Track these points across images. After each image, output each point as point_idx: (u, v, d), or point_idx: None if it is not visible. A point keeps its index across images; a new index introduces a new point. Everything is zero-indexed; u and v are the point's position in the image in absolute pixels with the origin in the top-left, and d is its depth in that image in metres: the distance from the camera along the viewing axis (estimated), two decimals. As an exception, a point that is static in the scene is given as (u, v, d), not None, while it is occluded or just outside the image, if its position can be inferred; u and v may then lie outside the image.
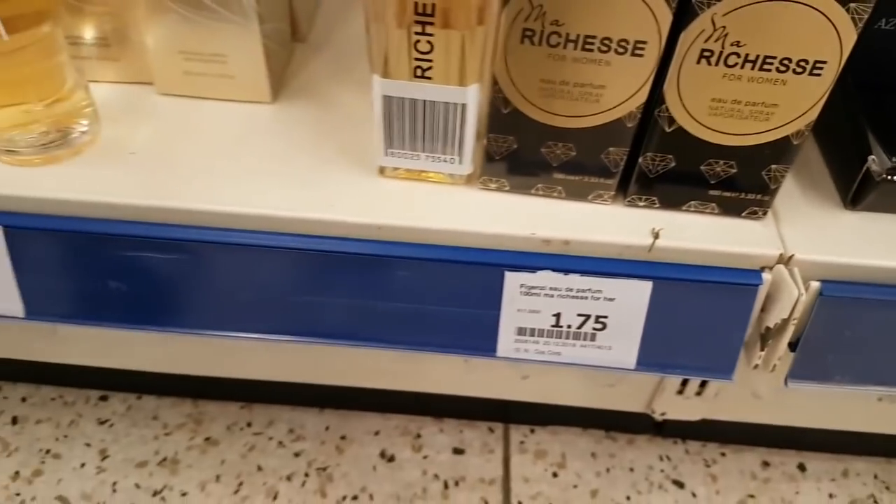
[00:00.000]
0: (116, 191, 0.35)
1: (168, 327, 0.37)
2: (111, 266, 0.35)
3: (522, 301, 0.34)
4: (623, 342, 0.35)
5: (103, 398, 0.55)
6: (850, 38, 0.28)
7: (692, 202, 0.35)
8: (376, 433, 0.52)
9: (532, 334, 0.35)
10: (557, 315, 0.34)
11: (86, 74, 0.38)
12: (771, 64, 0.29)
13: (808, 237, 0.34)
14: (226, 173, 0.36)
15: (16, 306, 0.37)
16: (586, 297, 0.34)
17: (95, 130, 0.38)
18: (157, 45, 0.38)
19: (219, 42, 0.37)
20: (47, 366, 0.52)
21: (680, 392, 0.43)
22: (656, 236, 0.34)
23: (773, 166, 0.33)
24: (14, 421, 0.53)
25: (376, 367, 0.46)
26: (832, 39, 0.28)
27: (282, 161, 0.37)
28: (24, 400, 0.55)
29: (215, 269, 0.35)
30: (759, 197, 0.34)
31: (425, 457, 0.51)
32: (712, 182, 0.34)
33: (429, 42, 0.30)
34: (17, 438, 0.52)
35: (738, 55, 0.29)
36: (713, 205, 0.35)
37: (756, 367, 0.35)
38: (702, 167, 0.33)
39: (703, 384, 0.41)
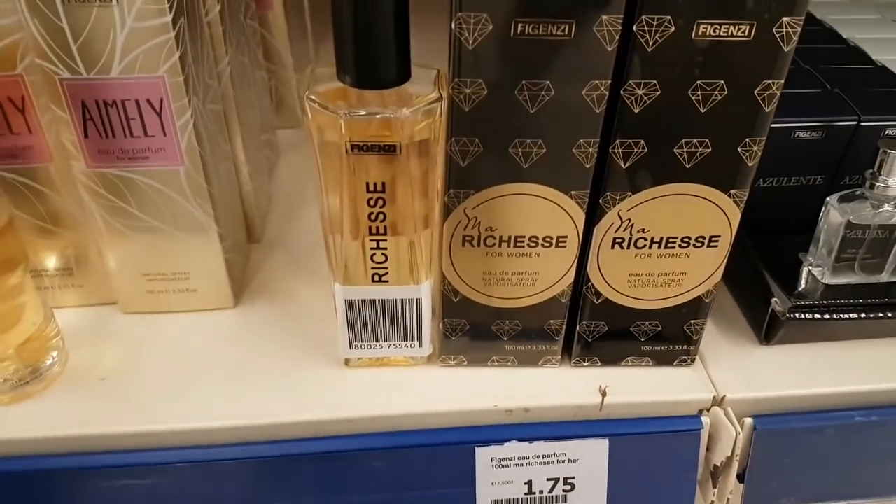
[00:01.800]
0: (91, 421, 0.35)
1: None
2: (91, 499, 0.35)
3: (495, 474, 0.36)
4: (592, 500, 0.37)
5: None
6: (736, 215, 0.34)
7: (629, 358, 0.39)
8: None
9: (507, 504, 0.37)
10: (529, 483, 0.37)
11: (49, 302, 0.40)
12: (674, 243, 0.34)
13: (735, 377, 0.38)
14: (196, 388, 0.37)
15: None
16: (553, 462, 0.37)
17: (64, 360, 0.39)
18: (120, 270, 0.40)
19: (180, 262, 0.40)
20: None
21: (649, 529, 0.45)
22: (604, 394, 0.37)
23: (692, 321, 0.37)
24: None
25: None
26: (721, 218, 0.34)
27: (249, 366, 0.39)
28: None
29: (193, 488, 0.36)
30: (684, 347, 0.38)
31: None
32: (642, 339, 0.38)
33: (383, 254, 0.34)
34: None
35: (644, 239, 0.34)
36: (647, 358, 0.39)
37: (712, 503, 0.38)
38: (631, 328, 0.38)
39: (669, 522, 0.43)
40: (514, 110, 0.30)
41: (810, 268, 0.42)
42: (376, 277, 0.35)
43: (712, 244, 0.35)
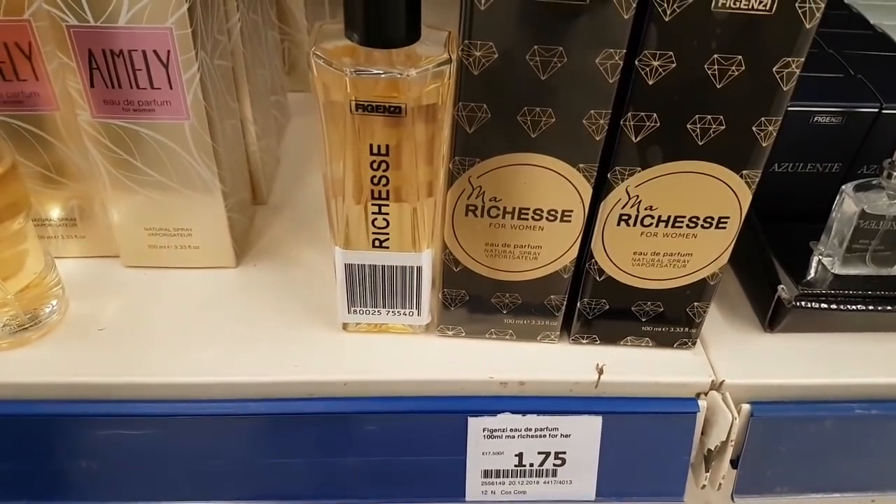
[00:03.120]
0: (87, 370, 0.36)
1: (140, 503, 0.37)
2: (84, 446, 0.35)
3: (486, 444, 0.36)
4: (582, 475, 0.37)
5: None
6: (747, 197, 0.33)
7: (628, 337, 0.38)
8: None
9: (497, 476, 0.37)
10: (520, 455, 0.37)
11: (51, 252, 0.40)
12: (681, 222, 0.34)
13: (735, 362, 0.38)
14: (194, 343, 0.38)
15: (-20, 492, 0.37)
16: (545, 436, 0.36)
17: (63, 308, 0.39)
18: (123, 223, 0.40)
19: (183, 218, 0.40)
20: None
21: (639, 509, 0.45)
22: (601, 372, 0.37)
23: (695, 304, 0.37)
24: None
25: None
26: (731, 199, 0.33)
27: (247, 325, 0.39)
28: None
29: (187, 441, 0.36)
30: (686, 330, 0.38)
31: None
32: (643, 319, 0.38)
33: (385, 219, 0.34)
34: None
35: (652, 217, 0.34)
36: (647, 339, 0.38)
37: (703, 487, 0.38)
38: (632, 308, 0.37)
39: (660, 503, 0.43)
40: (524, 76, 0.29)
41: (820, 257, 0.41)
42: (377, 243, 0.35)
43: (721, 226, 0.34)
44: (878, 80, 0.42)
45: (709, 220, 0.34)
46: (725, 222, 0.34)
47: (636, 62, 0.29)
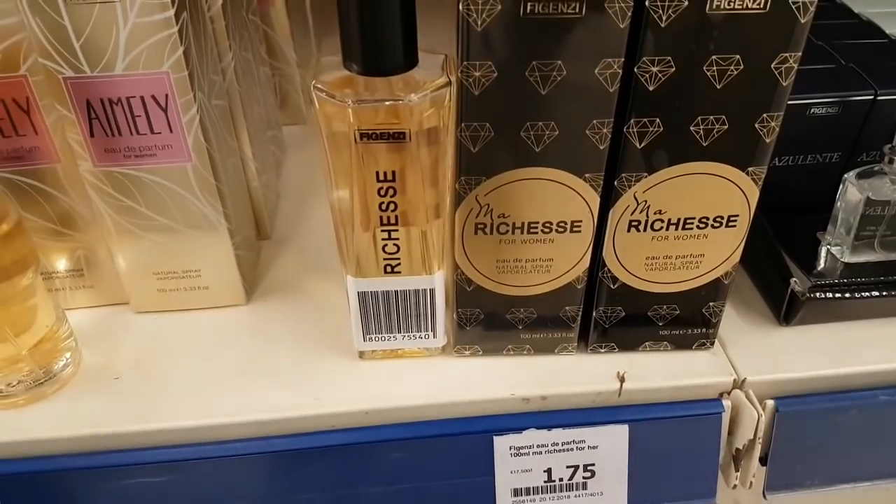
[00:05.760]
0: (106, 421, 0.35)
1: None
2: (109, 498, 0.35)
3: (514, 462, 0.36)
4: (612, 486, 0.37)
5: None
6: (754, 194, 0.33)
7: (646, 343, 0.38)
8: None
9: (528, 493, 0.37)
10: (548, 470, 0.36)
11: (61, 303, 0.39)
12: (691, 224, 0.34)
13: (755, 359, 0.38)
14: (211, 384, 0.37)
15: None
16: (572, 449, 0.36)
17: (77, 360, 0.39)
18: (131, 269, 0.40)
19: (191, 259, 0.40)
20: None
21: (671, 515, 0.44)
22: (622, 380, 0.37)
23: (711, 304, 0.37)
24: None
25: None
26: (739, 197, 0.33)
27: (264, 361, 0.39)
28: None
29: (212, 484, 0.36)
30: (703, 330, 0.38)
31: None
32: (660, 324, 0.37)
33: (395, 244, 0.34)
34: None
35: (661, 221, 0.34)
36: (665, 343, 0.38)
37: (735, 486, 0.38)
38: (648, 313, 0.37)
39: (691, 506, 0.43)
40: (525, 92, 0.29)
41: (829, 246, 0.41)
42: (388, 269, 0.35)
43: (731, 224, 0.34)
44: (869, 67, 0.42)
45: (718, 219, 0.34)
46: (735, 220, 0.34)
47: (635, 70, 0.29)
